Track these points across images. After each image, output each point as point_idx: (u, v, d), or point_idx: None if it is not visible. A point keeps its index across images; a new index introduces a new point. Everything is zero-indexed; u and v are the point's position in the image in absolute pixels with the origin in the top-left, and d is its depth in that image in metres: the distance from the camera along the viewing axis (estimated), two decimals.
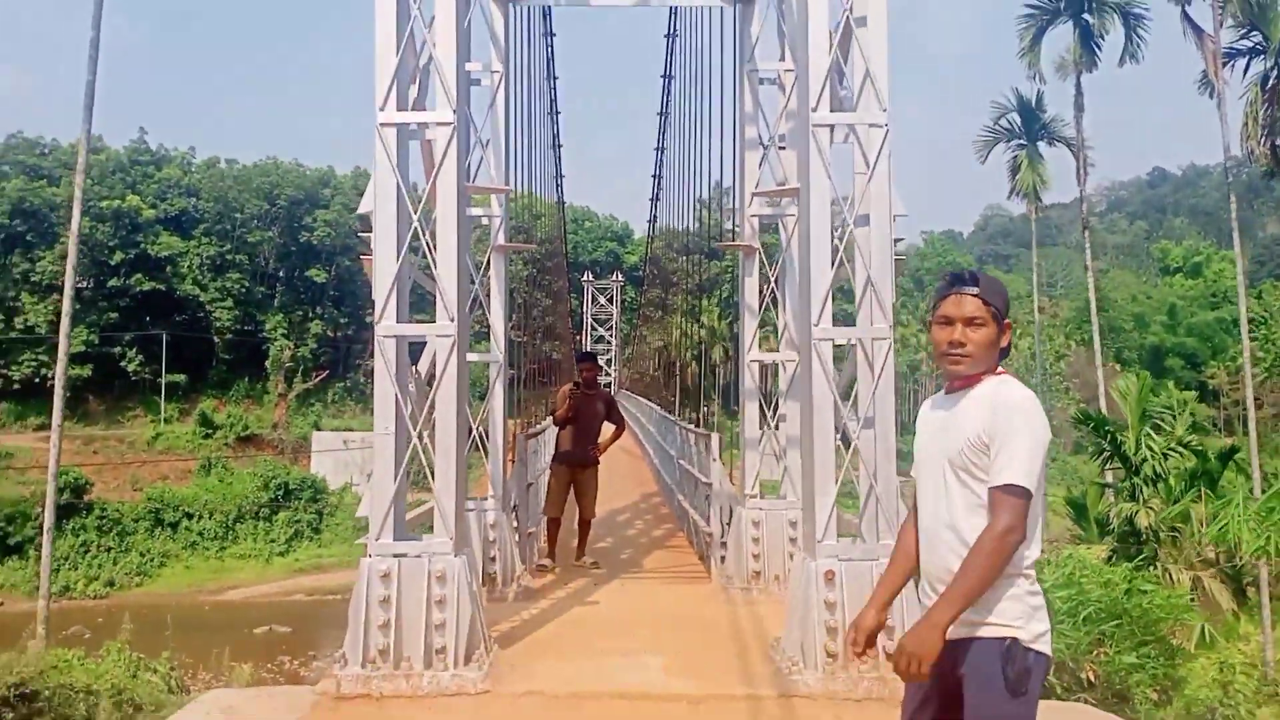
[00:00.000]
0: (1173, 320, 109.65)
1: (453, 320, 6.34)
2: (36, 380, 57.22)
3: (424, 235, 6.39)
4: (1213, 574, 19.99)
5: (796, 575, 6.62)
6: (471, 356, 8.66)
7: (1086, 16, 31.42)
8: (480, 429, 9.35)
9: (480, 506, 9.15)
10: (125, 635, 13.43)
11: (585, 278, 78.87)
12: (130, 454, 54.35)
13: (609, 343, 78.40)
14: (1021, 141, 36.41)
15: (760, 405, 9.78)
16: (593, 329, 78.57)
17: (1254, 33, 30.40)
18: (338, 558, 45.61)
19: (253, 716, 5.97)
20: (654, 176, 28.59)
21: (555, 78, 18.62)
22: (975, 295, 2.99)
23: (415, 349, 6.83)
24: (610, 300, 79.28)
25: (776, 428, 9.61)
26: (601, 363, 76.97)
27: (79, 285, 62.91)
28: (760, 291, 9.75)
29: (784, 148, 9.19)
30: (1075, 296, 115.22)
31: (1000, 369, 3.05)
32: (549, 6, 12.07)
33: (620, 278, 80.00)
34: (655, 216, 36.23)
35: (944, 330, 3.02)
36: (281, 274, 72.55)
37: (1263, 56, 30.46)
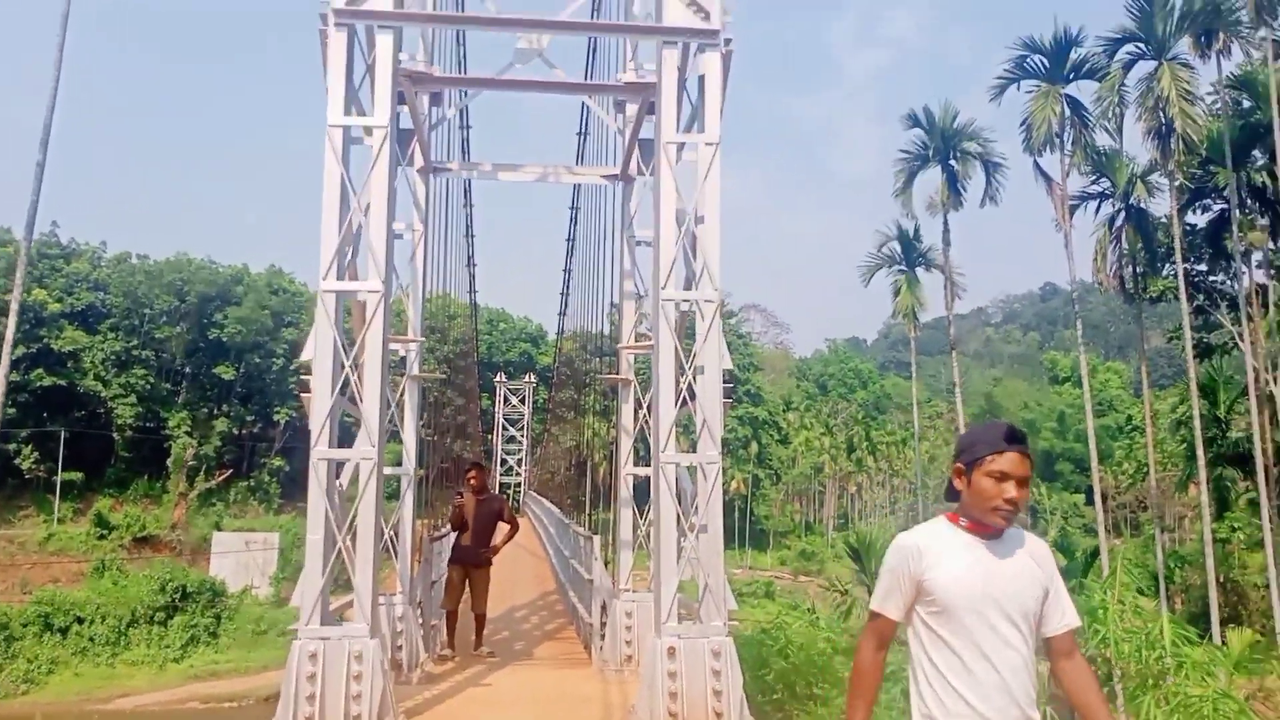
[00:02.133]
0: (1062, 427, 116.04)
1: (374, 446, 7.96)
2: None
3: (353, 378, 8.04)
4: None
5: (647, 651, 8.27)
6: (385, 470, 10.21)
7: (953, 163, 35.18)
8: (391, 531, 10.81)
9: (389, 601, 10.56)
10: None
11: (498, 378, 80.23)
12: (20, 555, 52.82)
13: (520, 443, 79.33)
14: (902, 268, 39.76)
15: (634, 510, 11.50)
16: (504, 429, 79.53)
17: (1103, 179, 34.51)
18: (235, 663, 44.83)
19: None
20: (561, 295, 30.71)
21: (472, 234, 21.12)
22: (1029, 456, 3.11)
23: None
24: (523, 401, 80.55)
25: (647, 533, 11.33)
26: (512, 462, 77.93)
27: None
28: (635, 415, 11.58)
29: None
30: (971, 403, 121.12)
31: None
32: (467, 179, 14.06)
33: (533, 378, 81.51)
34: (562, 330, 38.26)
35: (998, 485, 3.05)
36: (188, 370, 72.15)
37: (1110, 200, 34.54)
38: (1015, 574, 3.07)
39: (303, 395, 8.18)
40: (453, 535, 12.48)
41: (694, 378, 8.39)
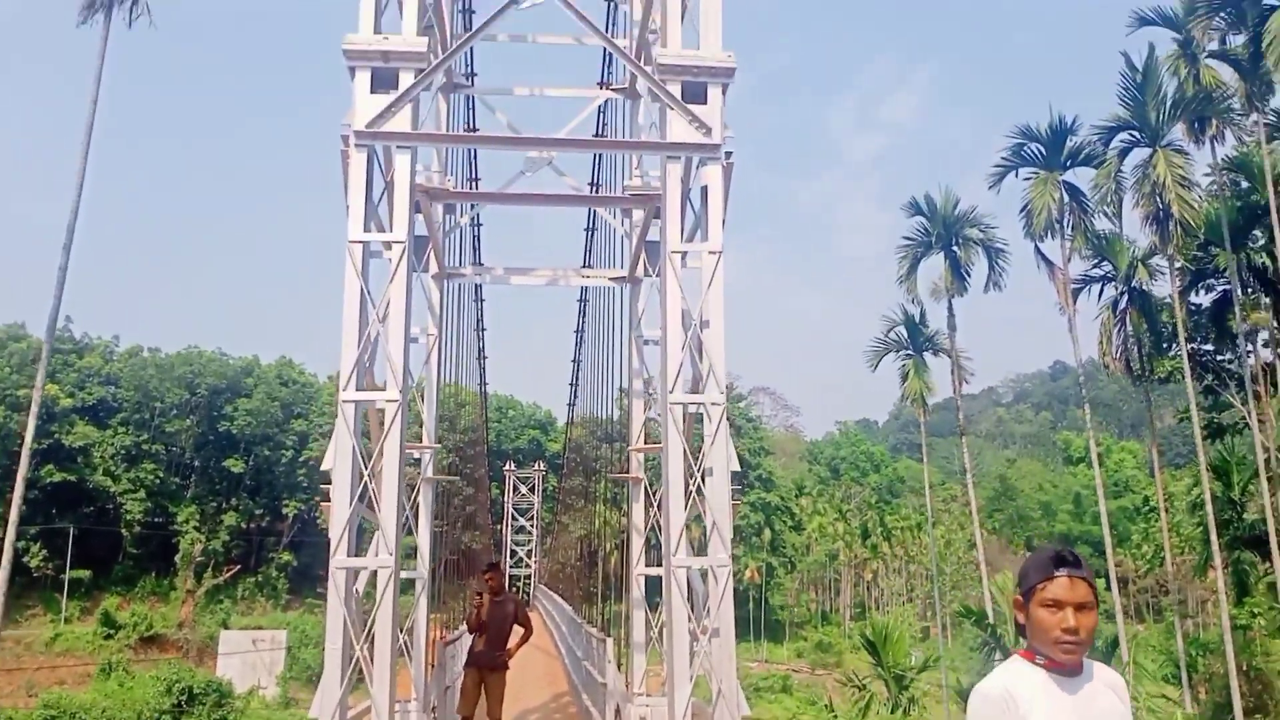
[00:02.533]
0: (1078, 509, 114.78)
1: (391, 554, 8.08)
2: None
3: (371, 486, 8.21)
4: None
5: None
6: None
7: (955, 249, 35.76)
8: (405, 635, 10.83)
9: (404, 708, 10.52)
10: None
11: (507, 467, 79.98)
12: (26, 656, 52.26)
13: (529, 533, 78.70)
14: (909, 352, 40.02)
15: (646, 611, 11.49)
16: (514, 519, 78.94)
17: (1104, 262, 34.96)
18: None
19: None
20: (570, 385, 30.93)
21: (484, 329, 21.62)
22: (1085, 579, 2.92)
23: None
24: (532, 490, 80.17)
25: (660, 632, 11.30)
26: (522, 554, 77.17)
27: None
28: (646, 514, 11.67)
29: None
30: (986, 485, 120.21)
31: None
32: (478, 284, 14.47)
33: (543, 466, 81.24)
34: (572, 420, 38.37)
35: (1055, 614, 2.89)
36: (197, 464, 72.26)
37: (1113, 283, 34.94)
38: (1104, 713, 2.92)
39: (323, 505, 8.34)
40: (467, 637, 12.45)
41: (702, 480, 8.52)
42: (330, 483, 8.22)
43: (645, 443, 11.58)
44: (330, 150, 9.24)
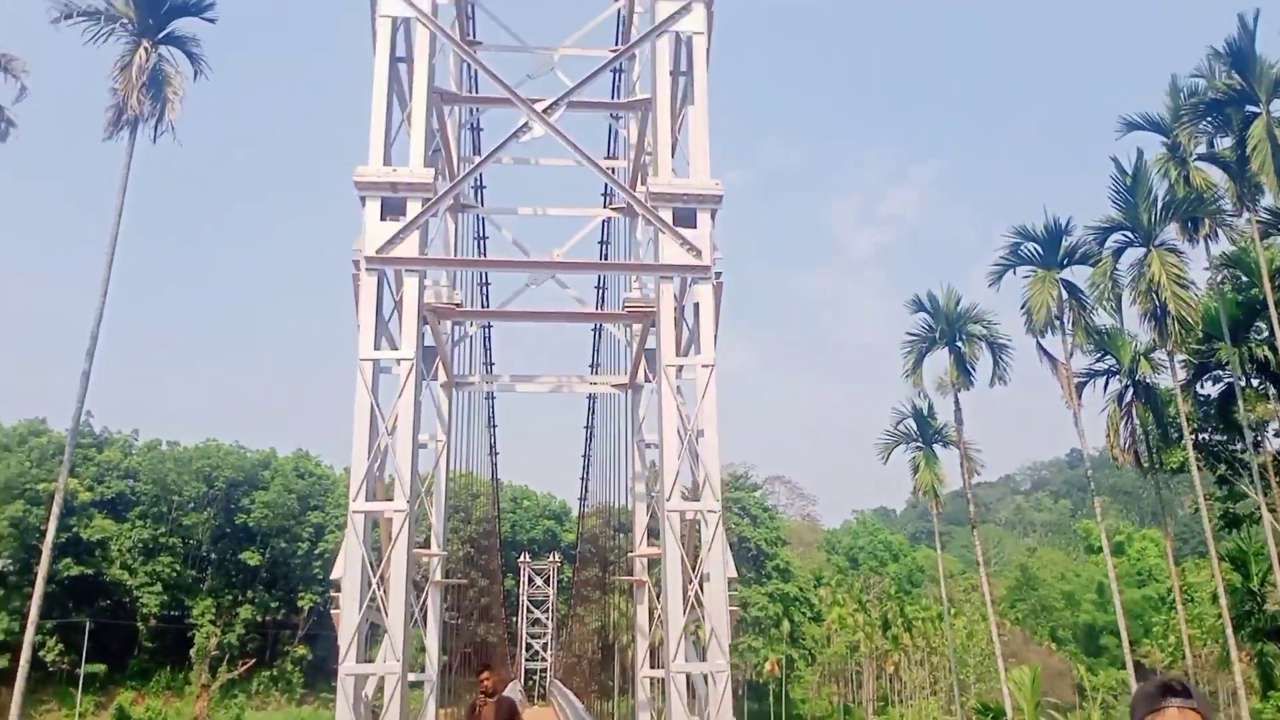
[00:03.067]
0: (1102, 598, 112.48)
1: (399, 661, 8.45)
2: None
3: (379, 594, 8.62)
4: None
5: None
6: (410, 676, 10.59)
7: (959, 344, 36.28)
8: None
9: None
10: None
11: (522, 558, 79.58)
12: None
13: (545, 625, 77.86)
14: (919, 444, 40.23)
15: (652, 715, 11.70)
16: (529, 610, 78.19)
17: (1107, 355, 35.36)
18: None
19: None
20: (581, 479, 31.25)
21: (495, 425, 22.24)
22: (1195, 709, 2.85)
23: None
24: (547, 581, 79.58)
25: None
26: (538, 646, 76.21)
27: (2, 570, 62.06)
28: (651, 616, 11.97)
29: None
30: (1007, 575, 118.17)
31: None
32: (490, 403, 15.11)
33: (557, 557, 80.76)
34: (584, 498, 38.14)
35: None
36: (214, 557, 72.40)
37: (1116, 376, 35.28)
38: None
39: (333, 612, 8.73)
40: None
41: (700, 586, 8.89)
42: (340, 590, 8.64)
43: (648, 545, 11.95)
44: (346, 256, 9.85)
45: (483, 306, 15.21)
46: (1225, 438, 36.88)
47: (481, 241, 17.08)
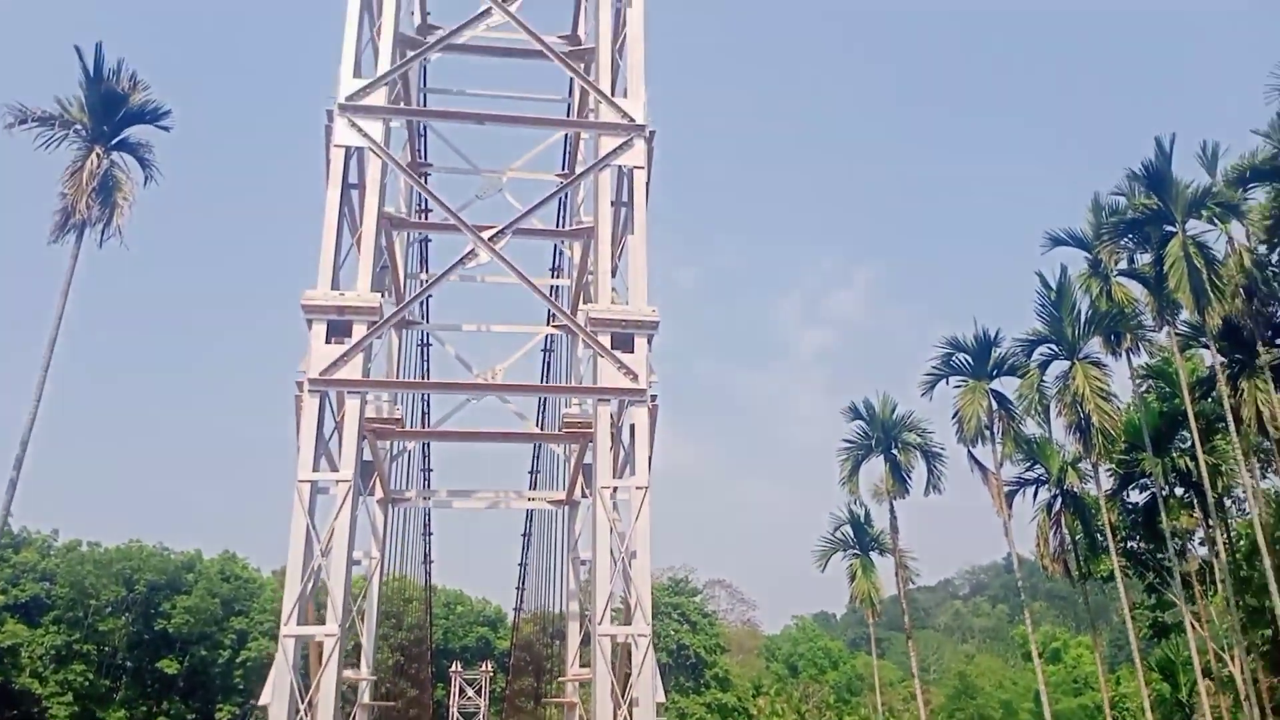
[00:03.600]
0: (1039, 707, 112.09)
1: None
2: None
3: (306, 718, 8.49)
4: None
5: None
6: None
7: (895, 452, 37.00)
8: None
9: None
10: None
11: (453, 667, 77.11)
12: None
13: None
14: (856, 551, 40.51)
15: None
16: None
17: (1036, 465, 36.26)
18: None
19: None
20: (517, 589, 30.84)
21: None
22: None
23: None
24: (479, 691, 77.06)
25: None
26: None
27: None
28: None
29: None
30: (945, 683, 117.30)
31: None
32: (426, 509, 15.12)
33: (490, 666, 78.41)
34: (520, 607, 37.36)
35: None
36: (129, 665, 69.00)
37: (1045, 485, 36.15)
38: None
39: None
40: None
41: (629, 712, 8.92)
42: (267, 717, 8.49)
43: (580, 667, 11.92)
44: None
45: (423, 418, 15.33)
46: (1153, 546, 37.77)
47: (425, 350, 17.28)
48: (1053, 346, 32.57)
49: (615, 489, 9.98)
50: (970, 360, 34.42)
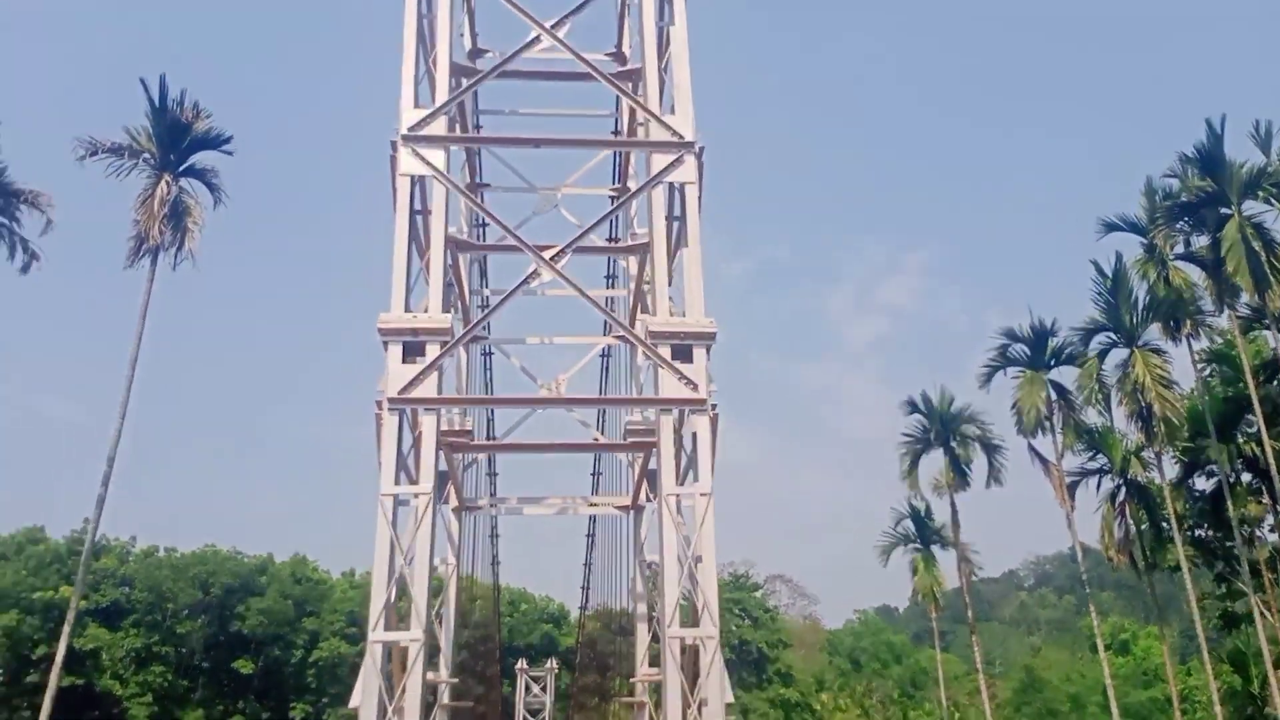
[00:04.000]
0: (1108, 700, 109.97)
1: None
2: None
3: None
4: None
5: None
6: None
7: (954, 445, 36.81)
8: None
9: None
10: None
11: (519, 664, 78.19)
12: None
13: None
14: (918, 545, 40.40)
15: None
16: None
17: (1099, 455, 35.82)
18: None
19: None
20: (582, 588, 31.37)
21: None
22: None
23: None
24: (544, 689, 78.04)
25: None
26: None
27: None
28: None
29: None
30: (1012, 676, 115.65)
31: None
32: (494, 520, 15.69)
33: (555, 663, 79.39)
34: (585, 606, 37.91)
35: None
36: (207, 666, 71.20)
37: (1109, 475, 35.70)
38: None
39: None
40: None
41: (699, 711, 9.32)
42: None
43: (649, 668, 12.36)
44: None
45: (489, 424, 15.85)
46: (1221, 534, 37.06)
47: (488, 358, 17.87)
48: (1111, 334, 32.18)
49: (679, 497, 10.37)
50: (1027, 351, 34.18)
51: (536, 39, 12.12)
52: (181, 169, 26.41)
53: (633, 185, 13.86)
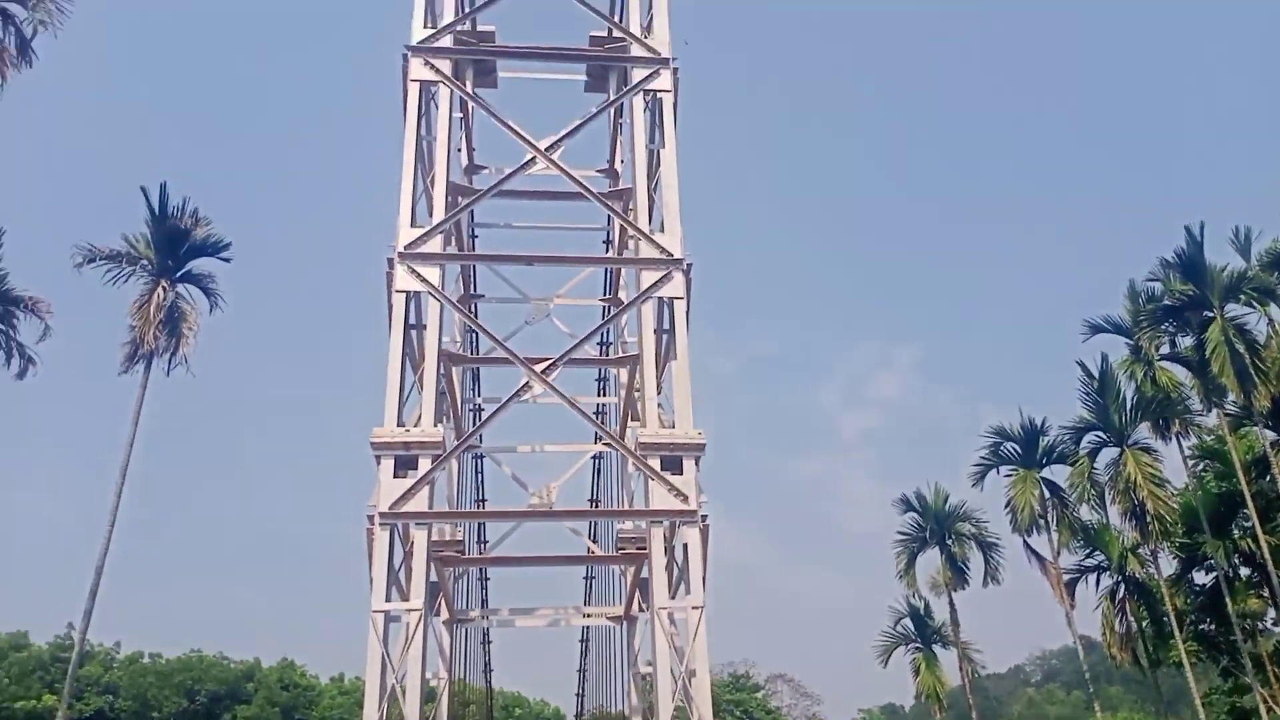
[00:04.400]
0: None
1: None
2: None
3: None
4: None
5: None
6: None
7: (949, 543, 36.54)
8: None
9: None
10: None
11: None
12: None
13: None
14: (918, 645, 39.67)
15: None
16: None
17: (1096, 552, 35.54)
18: None
19: None
20: (577, 696, 30.64)
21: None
22: None
23: None
24: None
25: None
26: None
27: None
28: None
29: None
30: None
31: None
32: (485, 628, 15.60)
33: None
34: (581, 714, 36.95)
35: None
36: None
37: (1107, 572, 35.36)
38: None
39: None
40: None
41: None
42: None
43: None
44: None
45: (480, 530, 15.85)
46: (1224, 629, 36.59)
47: (479, 461, 17.93)
48: (1100, 433, 32.35)
49: (671, 610, 10.39)
50: (1019, 449, 34.27)
51: (532, 160, 12.60)
52: (179, 275, 26.79)
53: (624, 296, 14.21)
